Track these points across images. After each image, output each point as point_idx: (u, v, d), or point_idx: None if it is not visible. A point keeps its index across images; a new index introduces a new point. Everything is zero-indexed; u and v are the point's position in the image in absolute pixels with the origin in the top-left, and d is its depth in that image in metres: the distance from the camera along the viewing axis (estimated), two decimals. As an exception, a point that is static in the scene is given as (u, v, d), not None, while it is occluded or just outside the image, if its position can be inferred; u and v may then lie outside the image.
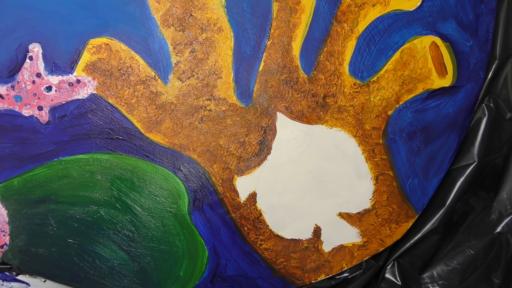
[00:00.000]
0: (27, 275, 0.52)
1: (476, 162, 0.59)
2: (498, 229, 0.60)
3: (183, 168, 0.51)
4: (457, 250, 0.62)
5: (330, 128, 0.53)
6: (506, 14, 0.56)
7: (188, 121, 0.50)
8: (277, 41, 0.50)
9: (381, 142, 0.55)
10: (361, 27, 0.51)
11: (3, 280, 0.52)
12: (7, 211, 0.49)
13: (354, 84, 0.53)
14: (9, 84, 0.46)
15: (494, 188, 0.61)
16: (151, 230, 0.52)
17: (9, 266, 0.52)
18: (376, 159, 0.55)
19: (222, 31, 0.48)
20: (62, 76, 0.46)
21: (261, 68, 0.50)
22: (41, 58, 0.46)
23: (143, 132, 0.49)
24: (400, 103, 0.54)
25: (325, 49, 0.51)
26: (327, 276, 0.58)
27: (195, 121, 0.50)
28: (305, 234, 0.56)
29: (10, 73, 0.46)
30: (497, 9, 0.55)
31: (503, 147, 0.60)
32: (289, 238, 0.56)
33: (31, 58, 0.46)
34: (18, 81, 0.46)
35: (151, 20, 0.47)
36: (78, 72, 0.47)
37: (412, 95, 0.54)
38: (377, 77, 0.53)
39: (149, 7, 0.46)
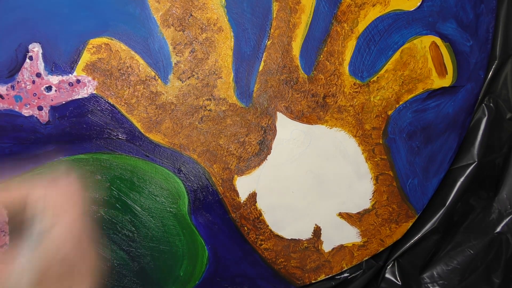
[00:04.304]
0: (27, 275, 0.52)
1: (476, 162, 0.59)
2: (498, 229, 0.60)
3: (183, 168, 0.51)
4: (457, 250, 0.62)
5: (330, 128, 0.53)
6: (506, 14, 0.56)
7: (188, 121, 0.50)
8: (277, 41, 0.50)
9: (381, 142, 0.55)
10: (361, 27, 0.51)
11: (3, 280, 0.52)
12: (7, 211, 0.49)
13: (354, 84, 0.53)
14: (9, 84, 0.46)
15: (494, 188, 0.61)
16: (151, 230, 0.52)
17: (9, 266, 0.52)
18: (376, 159, 0.55)
19: (222, 31, 0.48)
20: (62, 76, 0.46)
21: (261, 68, 0.50)
22: (41, 58, 0.46)
23: (143, 132, 0.49)
24: (400, 103, 0.54)
25: (325, 49, 0.51)
26: (327, 276, 0.58)
27: (195, 121, 0.50)
28: (305, 234, 0.56)
29: (10, 73, 0.46)
30: (497, 9, 0.55)
31: (503, 147, 0.60)
32: (289, 238, 0.56)
33: (31, 58, 0.46)
34: (18, 81, 0.46)
35: (151, 20, 0.47)
36: (78, 72, 0.47)
37: (412, 95, 0.54)
38: (377, 77, 0.53)
39: (149, 7, 0.46)
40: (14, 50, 0.45)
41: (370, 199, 0.56)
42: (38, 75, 0.46)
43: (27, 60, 0.46)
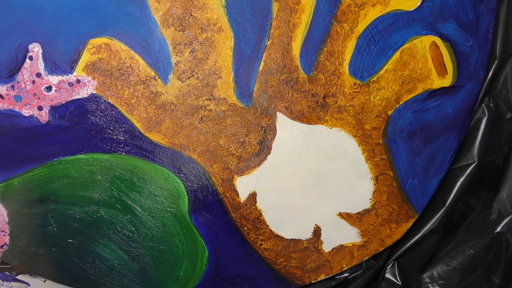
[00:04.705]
0: (27, 275, 0.52)
1: (476, 162, 0.59)
2: (498, 229, 0.60)
3: (183, 168, 0.51)
4: (457, 250, 0.62)
5: (330, 128, 0.53)
6: (506, 14, 0.56)
7: (188, 121, 0.50)
8: (277, 41, 0.50)
9: (381, 142, 0.55)
10: (361, 27, 0.51)
11: (3, 280, 0.52)
12: (7, 211, 0.49)
13: (354, 84, 0.53)
14: (9, 84, 0.46)
15: (494, 188, 0.61)
16: (151, 230, 0.52)
17: (9, 266, 0.52)
18: (376, 159, 0.55)
19: (222, 31, 0.48)
20: (62, 76, 0.46)
21: (261, 68, 0.50)
22: (41, 58, 0.46)
23: (143, 132, 0.49)
24: (400, 103, 0.54)
25: (325, 49, 0.51)
26: (327, 276, 0.58)
27: (195, 121, 0.50)
28: (305, 234, 0.56)
29: (10, 73, 0.46)
30: (497, 9, 0.55)
31: (503, 147, 0.60)
32: (289, 238, 0.56)
33: (31, 58, 0.46)
34: (18, 81, 0.46)
35: (151, 20, 0.47)
36: (78, 72, 0.47)
37: (412, 95, 0.54)
38: (377, 77, 0.53)
39: (149, 7, 0.46)
40: (14, 50, 0.45)
41: (370, 199, 0.56)
42: (38, 75, 0.46)
43: (27, 60, 0.46)
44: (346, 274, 0.61)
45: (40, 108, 0.47)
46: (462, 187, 0.60)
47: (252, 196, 0.53)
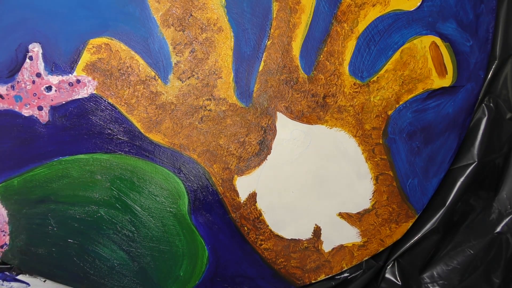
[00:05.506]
0: (27, 275, 0.52)
1: (476, 162, 0.59)
2: (498, 229, 0.60)
3: (183, 168, 0.51)
4: (457, 250, 0.62)
5: (330, 128, 0.53)
6: (506, 14, 0.56)
7: (188, 121, 0.50)
8: (277, 41, 0.50)
9: (381, 142, 0.55)
10: (361, 27, 0.51)
11: (3, 280, 0.52)
12: (7, 211, 0.49)
13: (354, 84, 0.53)
14: (9, 84, 0.46)
15: (494, 188, 0.61)
16: (151, 230, 0.52)
17: (9, 266, 0.52)
18: (376, 159, 0.55)
19: (222, 31, 0.48)
20: (62, 76, 0.46)
21: (261, 68, 0.50)
22: (41, 58, 0.46)
23: (143, 132, 0.49)
24: (400, 103, 0.54)
25: (325, 49, 0.51)
26: (327, 276, 0.58)
27: (195, 121, 0.50)
28: (305, 234, 0.56)
29: (10, 73, 0.46)
30: (497, 9, 0.55)
31: (503, 147, 0.60)
32: (289, 238, 0.56)
33: (31, 58, 0.46)
34: (18, 81, 0.46)
35: (151, 20, 0.47)
36: (78, 72, 0.47)
37: (412, 95, 0.54)
38: (377, 77, 0.53)
39: (149, 7, 0.46)
40: (14, 50, 0.45)
41: (370, 199, 0.56)
42: (38, 75, 0.46)
43: (27, 60, 0.46)
44: (346, 274, 0.61)
45: (40, 108, 0.47)
46: (462, 187, 0.60)
47: (252, 196, 0.53)
